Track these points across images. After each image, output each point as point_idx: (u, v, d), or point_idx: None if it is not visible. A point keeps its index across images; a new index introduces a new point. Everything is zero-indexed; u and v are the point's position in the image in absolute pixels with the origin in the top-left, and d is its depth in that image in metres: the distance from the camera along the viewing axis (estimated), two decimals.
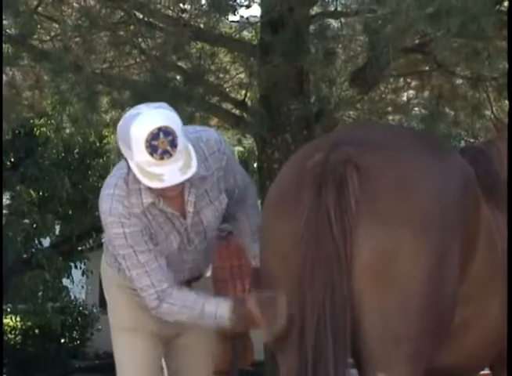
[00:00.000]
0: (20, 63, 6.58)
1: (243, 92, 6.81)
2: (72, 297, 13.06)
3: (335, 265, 2.22)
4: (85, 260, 12.39)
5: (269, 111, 6.02)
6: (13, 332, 12.70)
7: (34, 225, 11.27)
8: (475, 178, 2.47)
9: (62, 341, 12.83)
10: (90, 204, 11.08)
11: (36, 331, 12.53)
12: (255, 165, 9.40)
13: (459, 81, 7.11)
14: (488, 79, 6.63)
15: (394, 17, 4.60)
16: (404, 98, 7.58)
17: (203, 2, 6.11)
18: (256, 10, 6.95)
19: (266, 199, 2.50)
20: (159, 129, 2.38)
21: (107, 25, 5.98)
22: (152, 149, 2.37)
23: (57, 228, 12.15)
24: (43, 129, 10.97)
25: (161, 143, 2.37)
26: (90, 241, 12.72)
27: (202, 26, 6.14)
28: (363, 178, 2.25)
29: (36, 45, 6.36)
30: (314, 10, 6.29)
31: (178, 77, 6.43)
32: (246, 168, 13.13)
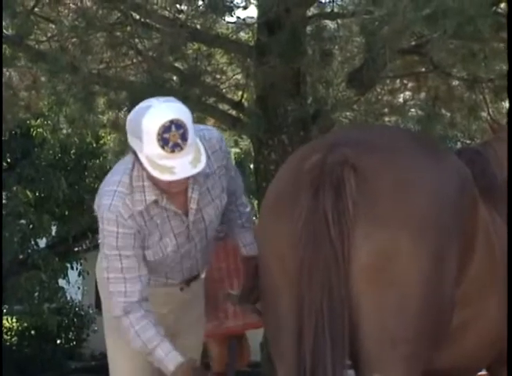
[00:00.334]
0: (17, 64, 6.58)
1: (240, 93, 6.80)
2: (68, 298, 13.05)
3: (333, 267, 2.22)
4: (81, 261, 12.37)
5: (266, 112, 6.02)
6: (9, 333, 12.68)
7: (31, 225, 11.26)
8: (472, 179, 2.48)
9: (58, 342, 12.82)
10: (86, 205, 11.07)
11: (32, 332, 12.52)
12: (251, 166, 9.42)
13: (455, 83, 7.13)
14: (484, 81, 6.65)
15: (390, 19, 4.60)
16: (400, 99, 7.59)
17: (199, 3, 6.12)
18: (253, 11, 6.98)
19: (264, 201, 2.50)
20: (171, 122, 2.39)
21: (104, 26, 5.97)
22: (163, 142, 2.38)
23: (53, 229, 12.13)
24: (40, 130, 10.95)
25: (172, 136, 2.39)
26: (86, 242, 12.71)
27: (199, 27, 6.14)
28: (360, 179, 2.25)
29: (33, 46, 6.35)
30: (311, 11, 6.30)
31: (175, 77, 6.43)
32: (242, 170, 13.19)
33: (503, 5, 5.19)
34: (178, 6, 6.16)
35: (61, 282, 12.42)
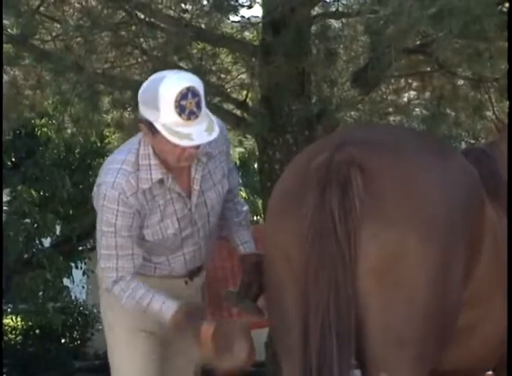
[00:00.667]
0: (22, 63, 6.57)
1: (245, 93, 6.79)
2: (73, 297, 13.05)
3: (339, 266, 2.21)
4: (86, 260, 12.37)
5: (271, 112, 6.01)
6: (14, 332, 12.68)
7: (35, 225, 11.25)
8: (479, 179, 2.47)
9: (62, 341, 12.81)
10: (91, 204, 11.03)
11: (36, 331, 12.51)
12: (256, 166, 9.41)
13: (460, 82, 7.11)
14: (489, 80, 6.62)
15: (395, 18, 4.59)
16: (405, 99, 7.57)
17: (204, 3, 6.11)
18: (257, 11, 6.95)
19: (270, 200, 2.50)
20: (187, 89, 2.47)
21: (109, 25, 5.97)
22: (180, 109, 2.45)
23: (58, 228, 12.13)
24: (44, 129, 10.95)
25: (189, 104, 2.46)
26: (91, 241, 12.69)
27: (203, 26, 6.13)
28: (367, 179, 2.25)
29: (37, 45, 6.35)
30: (315, 11, 6.28)
31: None
32: (247, 169, 13.11)
33: (508, 5, 5.17)
34: (183, 6, 6.15)
35: (65, 281, 12.42)
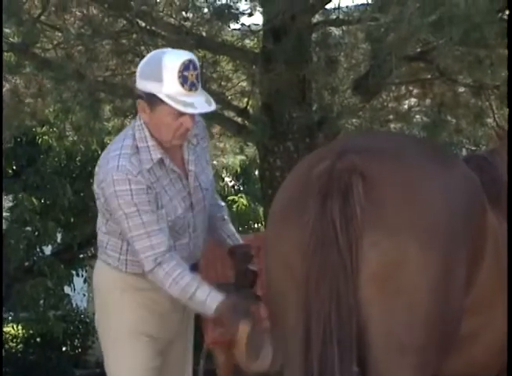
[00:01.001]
0: (23, 72, 6.59)
1: (245, 100, 6.80)
2: (73, 305, 13.04)
3: (341, 274, 2.21)
4: (87, 268, 12.36)
5: (271, 119, 6.02)
6: (15, 340, 12.67)
7: (36, 233, 11.25)
8: (481, 186, 2.47)
9: (63, 349, 12.80)
10: (92, 212, 11.05)
11: (37, 339, 12.50)
12: (257, 173, 9.40)
13: (461, 89, 7.11)
14: (490, 87, 6.63)
15: (396, 25, 4.60)
16: (406, 106, 7.58)
17: (205, 11, 6.13)
18: (258, 18, 6.98)
19: (271, 208, 2.50)
20: (189, 61, 2.61)
21: (110, 33, 5.99)
22: (183, 79, 2.59)
23: (59, 236, 12.13)
24: (45, 137, 10.96)
25: (190, 76, 2.60)
26: (92, 249, 12.70)
27: (204, 34, 6.15)
28: (368, 186, 2.24)
29: (39, 54, 6.37)
30: (316, 18, 6.29)
31: None
32: (248, 177, 13.08)
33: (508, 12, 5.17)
34: (184, 14, 6.17)
35: (66, 289, 12.41)
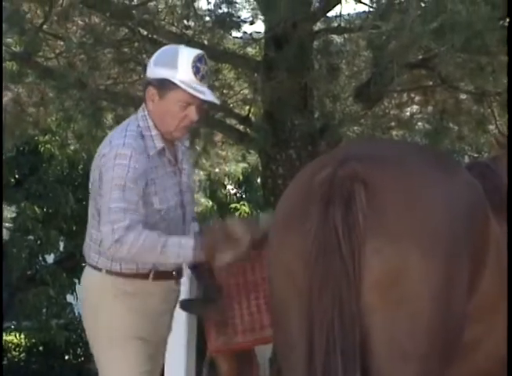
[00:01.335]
0: (25, 80, 6.60)
1: (247, 108, 6.81)
2: (76, 313, 13.03)
3: (343, 282, 2.20)
4: None
5: (273, 127, 6.02)
6: (17, 349, 12.65)
7: (39, 241, 11.26)
8: (483, 193, 2.47)
9: (66, 358, 12.78)
10: None
11: (40, 348, 12.48)
12: (259, 181, 9.40)
13: (463, 96, 7.11)
14: (492, 94, 6.63)
15: (398, 33, 4.60)
16: (408, 113, 7.58)
17: (207, 19, 6.14)
18: (260, 26, 6.99)
19: (273, 215, 2.50)
20: (202, 55, 2.82)
21: (112, 42, 6.00)
22: (196, 69, 2.77)
23: (61, 244, 12.14)
24: (47, 146, 10.98)
25: (202, 68, 2.80)
26: None
27: (206, 42, 6.16)
28: (371, 194, 2.24)
29: (41, 63, 6.38)
30: (317, 26, 6.31)
31: None
32: (250, 184, 13.07)
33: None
34: (186, 22, 6.18)
35: (69, 297, 12.40)
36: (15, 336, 12.76)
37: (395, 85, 6.19)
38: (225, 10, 5.89)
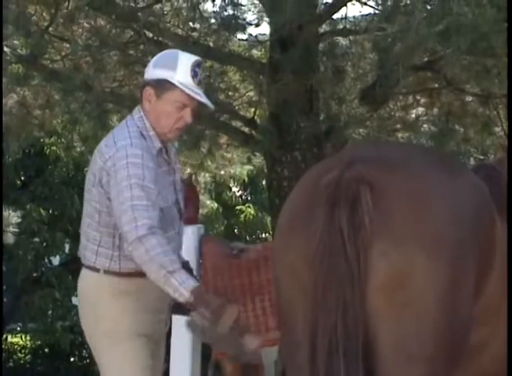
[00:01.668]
0: (31, 83, 6.61)
1: (253, 110, 6.81)
2: None
3: (348, 284, 2.20)
4: None
5: (279, 129, 6.02)
6: (23, 351, 12.68)
7: (44, 243, 11.27)
8: (490, 195, 2.46)
9: (71, 360, 12.79)
10: None
11: (46, 350, 12.50)
12: (264, 183, 9.40)
13: (468, 99, 7.10)
14: (498, 96, 6.61)
15: (403, 35, 4.60)
16: (413, 115, 7.57)
17: (212, 21, 6.14)
18: (265, 29, 6.99)
19: (279, 217, 2.49)
20: (200, 62, 2.89)
21: (117, 44, 6.01)
22: (194, 73, 2.84)
23: (67, 246, 12.15)
24: (53, 148, 11.00)
25: (200, 74, 2.88)
26: None
27: (211, 44, 6.16)
28: (377, 196, 2.23)
29: (47, 65, 6.39)
30: (323, 28, 6.30)
31: None
32: (255, 186, 13.08)
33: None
34: (191, 24, 6.19)
35: (74, 300, 12.41)
36: (20, 338, 12.78)
37: (401, 87, 6.19)
38: (231, 12, 5.90)
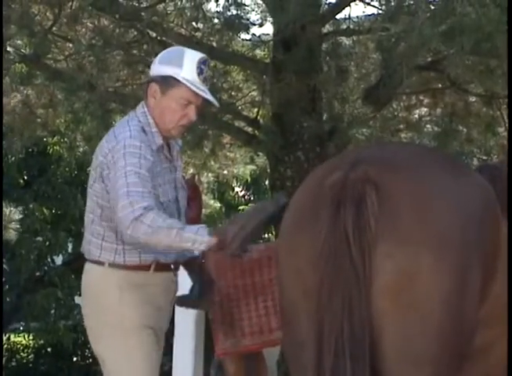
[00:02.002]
0: (34, 82, 6.62)
1: (256, 110, 6.81)
2: None
3: (353, 285, 2.19)
4: None
5: (282, 129, 6.02)
6: (26, 350, 12.69)
7: (47, 243, 11.29)
8: (495, 196, 2.46)
9: (74, 359, 12.80)
10: None
11: (48, 350, 12.51)
12: (267, 183, 9.40)
13: (472, 99, 7.09)
14: (501, 96, 6.61)
15: (407, 35, 4.60)
16: (416, 115, 7.57)
17: (215, 21, 6.15)
18: (268, 29, 6.98)
19: (284, 217, 2.49)
20: (206, 60, 2.88)
21: (120, 44, 6.01)
22: (199, 70, 2.83)
23: (70, 245, 12.16)
24: (56, 148, 11.01)
25: (206, 71, 2.87)
26: None
27: (215, 44, 6.16)
28: (382, 197, 2.23)
29: (50, 65, 6.39)
30: (326, 28, 6.30)
31: None
32: (258, 186, 13.08)
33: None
34: (195, 24, 6.19)
35: (77, 299, 12.41)
36: (23, 337, 12.80)
37: (404, 88, 6.18)
38: (234, 12, 5.90)
